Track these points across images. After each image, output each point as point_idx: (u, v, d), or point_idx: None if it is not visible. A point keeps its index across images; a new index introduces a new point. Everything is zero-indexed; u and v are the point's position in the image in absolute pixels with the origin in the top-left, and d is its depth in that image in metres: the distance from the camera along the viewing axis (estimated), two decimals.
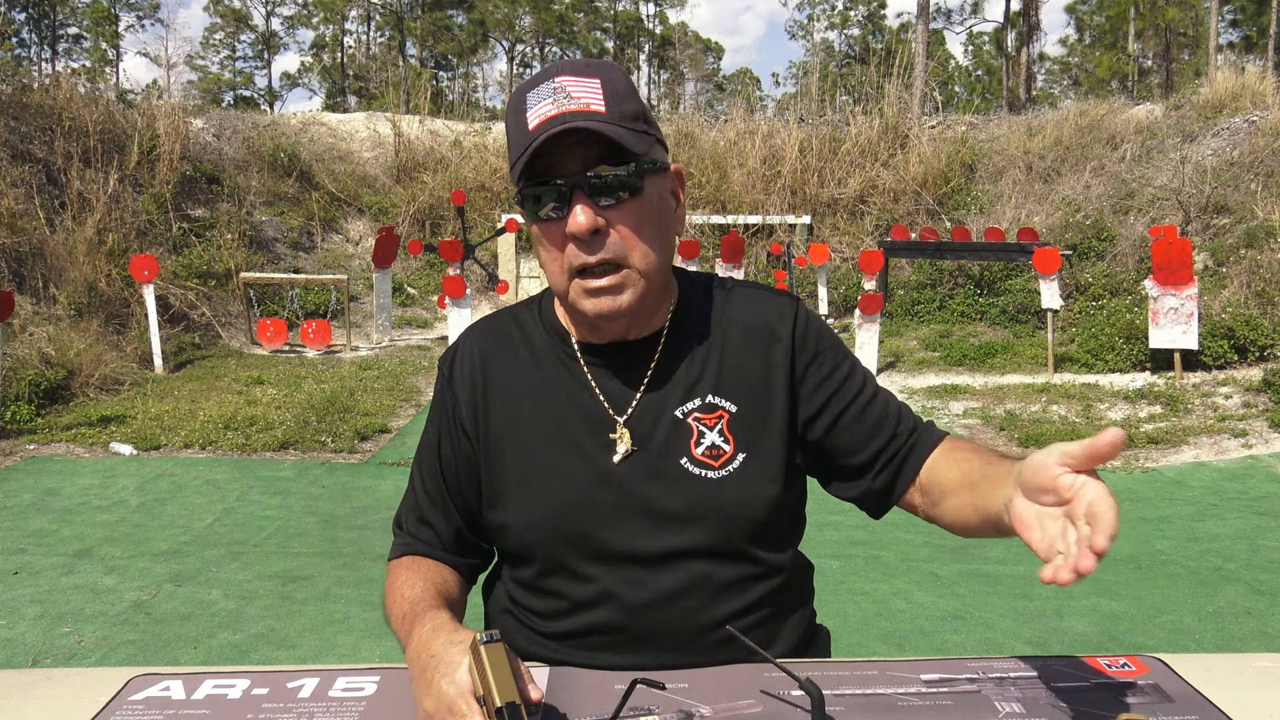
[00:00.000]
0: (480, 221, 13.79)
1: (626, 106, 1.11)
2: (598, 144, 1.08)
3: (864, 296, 9.14)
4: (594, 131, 1.06)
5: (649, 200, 1.13)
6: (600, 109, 1.08)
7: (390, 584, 1.25)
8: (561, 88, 1.09)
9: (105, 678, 1.16)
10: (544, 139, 1.05)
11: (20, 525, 4.76)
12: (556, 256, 1.13)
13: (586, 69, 1.12)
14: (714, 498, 1.18)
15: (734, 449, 1.20)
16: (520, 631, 1.28)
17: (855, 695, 1.09)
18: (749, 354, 1.23)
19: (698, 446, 1.19)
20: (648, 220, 1.13)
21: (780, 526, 1.25)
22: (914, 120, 15.25)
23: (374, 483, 5.60)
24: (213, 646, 3.42)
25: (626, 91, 1.12)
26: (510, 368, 1.26)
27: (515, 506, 1.23)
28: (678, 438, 1.20)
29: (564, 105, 1.07)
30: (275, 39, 48.91)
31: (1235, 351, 8.23)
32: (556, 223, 1.11)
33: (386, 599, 1.23)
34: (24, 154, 10.39)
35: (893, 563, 4.31)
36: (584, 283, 1.13)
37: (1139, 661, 1.18)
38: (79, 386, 7.62)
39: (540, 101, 1.09)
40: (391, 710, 1.08)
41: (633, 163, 1.10)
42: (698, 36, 52.66)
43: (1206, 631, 3.59)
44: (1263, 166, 11.01)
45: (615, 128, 1.08)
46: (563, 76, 1.10)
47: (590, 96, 1.09)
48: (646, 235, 1.13)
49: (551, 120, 1.07)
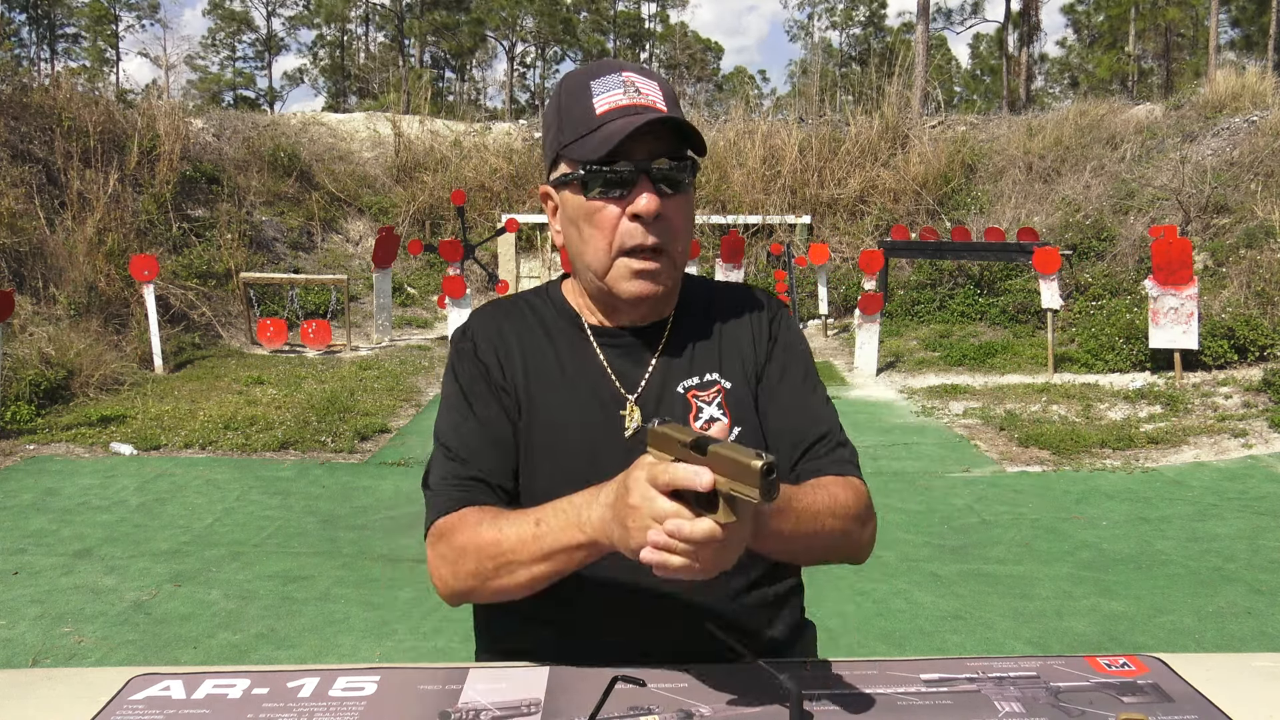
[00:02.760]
0: (480, 221, 13.80)
1: (678, 112, 1.20)
2: (664, 138, 1.16)
3: (864, 296, 9.14)
4: (668, 127, 1.16)
5: (691, 198, 1.23)
6: (663, 109, 1.17)
7: (467, 536, 1.14)
8: (630, 82, 1.18)
9: (105, 678, 1.16)
10: (632, 126, 1.13)
11: (20, 525, 4.76)
12: (607, 234, 1.19)
13: (644, 71, 1.22)
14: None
15: (731, 422, 1.27)
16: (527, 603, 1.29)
17: (855, 695, 1.09)
18: (741, 336, 1.33)
19: (696, 420, 1.26)
20: (688, 215, 1.23)
21: None
22: (914, 120, 15.25)
23: (374, 483, 5.60)
24: (213, 646, 3.41)
25: (675, 99, 1.22)
26: (527, 341, 1.30)
27: (539, 471, 1.26)
28: (680, 413, 1.27)
29: (634, 98, 1.17)
30: (276, 39, 48.93)
31: (1235, 351, 8.23)
32: (616, 202, 1.18)
33: (473, 547, 1.13)
34: (24, 154, 10.39)
35: (893, 563, 4.31)
36: (630, 262, 1.19)
37: (1139, 661, 1.18)
38: (79, 386, 7.62)
39: (608, 90, 1.17)
40: (391, 710, 1.08)
41: (688, 160, 1.19)
42: (698, 36, 52.68)
43: (1206, 631, 3.59)
44: (1263, 166, 11.01)
45: (688, 125, 1.17)
46: (630, 72, 1.19)
47: (655, 96, 1.18)
48: (687, 229, 1.24)
49: (625, 109, 1.15)
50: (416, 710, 1.07)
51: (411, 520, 4.91)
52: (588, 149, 1.15)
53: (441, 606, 3.77)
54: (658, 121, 1.14)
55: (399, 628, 3.60)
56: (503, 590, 1.14)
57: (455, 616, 3.63)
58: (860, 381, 9.00)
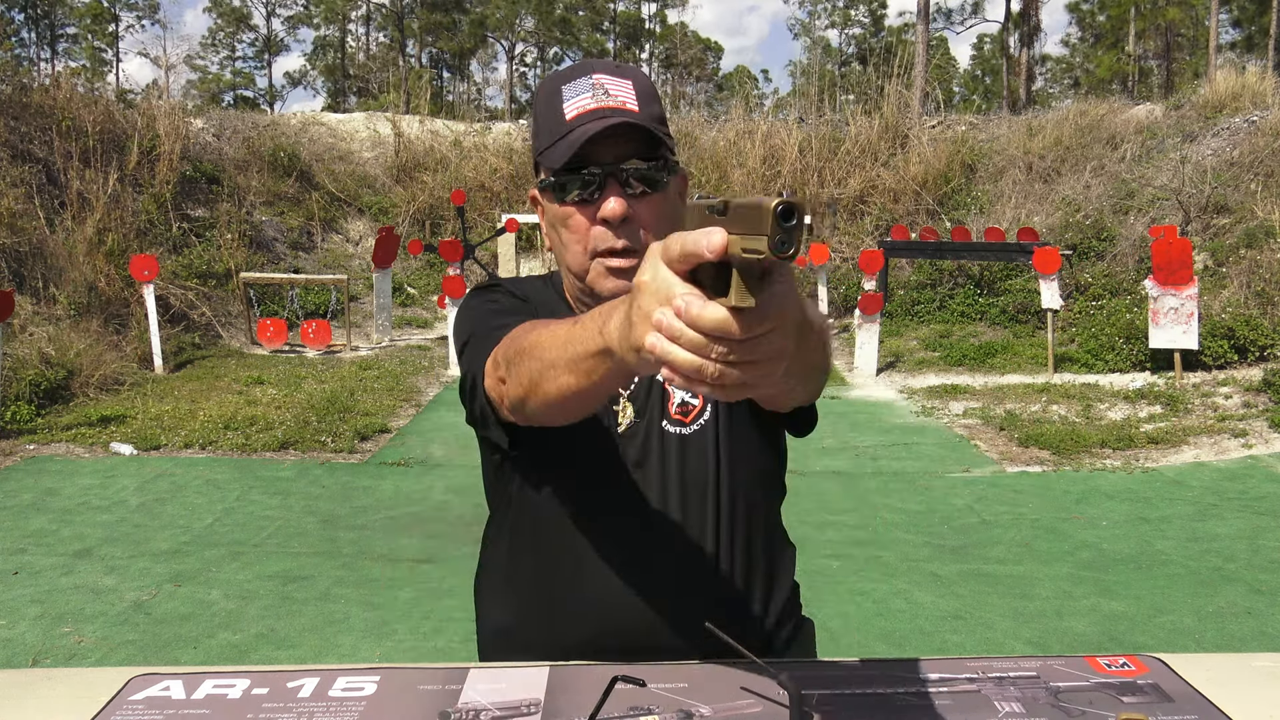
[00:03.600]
0: (480, 221, 13.80)
1: (654, 109, 1.19)
2: (632, 140, 1.16)
3: (864, 296, 9.14)
4: (635, 128, 1.14)
5: (668, 196, 1.21)
6: (634, 108, 1.17)
7: (524, 339, 1.03)
8: (600, 84, 1.17)
9: (105, 678, 1.16)
10: (596, 129, 1.12)
11: (20, 525, 4.76)
12: (581, 238, 1.19)
13: (619, 70, 1.21)
14: (686, 452, 1.25)
15: (703, 402, 1.26)
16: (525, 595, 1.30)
17: (855, 695, 1.09)
18: None
19: (672, 406, 1.26)
20: (665, 214, 1.20)
21: (755, 482, 1.29)
22: (914, 120, 15.24)
23: (374, 483, 5.60)
24: (213, 646, 3.42)
25: (652, 95, 1.21)
26: (543, 312, 1.28)
27: (532, 464, 1.27)
28: (659, 401, 1.27)
29: (603, 100, 1.16)
30: (276, 40, 48.93)
31: (1235, 351, 8.23)
32: (586, 206, 1.17)
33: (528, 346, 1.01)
34: (24, 154, 10.39)
35: (893, 563, 4.31)
36: (605, 261, 1.19)
37: (1139, 661, 1.18)
38: (79, 386, 7.62)
39: (578, 95, 1.17)
40: (392, 710, 1.08)
41: (661, 160, 1.18)
42: (698, 36, 52.68)
43: (1206, 631, 3.59)
44: (1263, 166, 11.01)
45: (652, 126, 1.16)
46: (599, 74, 1.19)
47: (625, 95, 1.17)
48: (663, 228, 1.20)
49: (592, 113, 1.15)
50: (416, 710, 1.07)
51: (411, 520, 4.91)
52: (556, 155, 1.16)
53: (441, 606, 3.77)
54: (621, 124, 1.13)
55: (399, 628, 3.60)
56: (546, 401, 1.00)
57: (455, 616, 3.64)
58: (860, 381, 9.00)
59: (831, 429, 6.89)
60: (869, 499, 5.33)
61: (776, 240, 0.63)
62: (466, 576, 1.42)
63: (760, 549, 1.29)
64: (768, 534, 1.32)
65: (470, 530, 4.73)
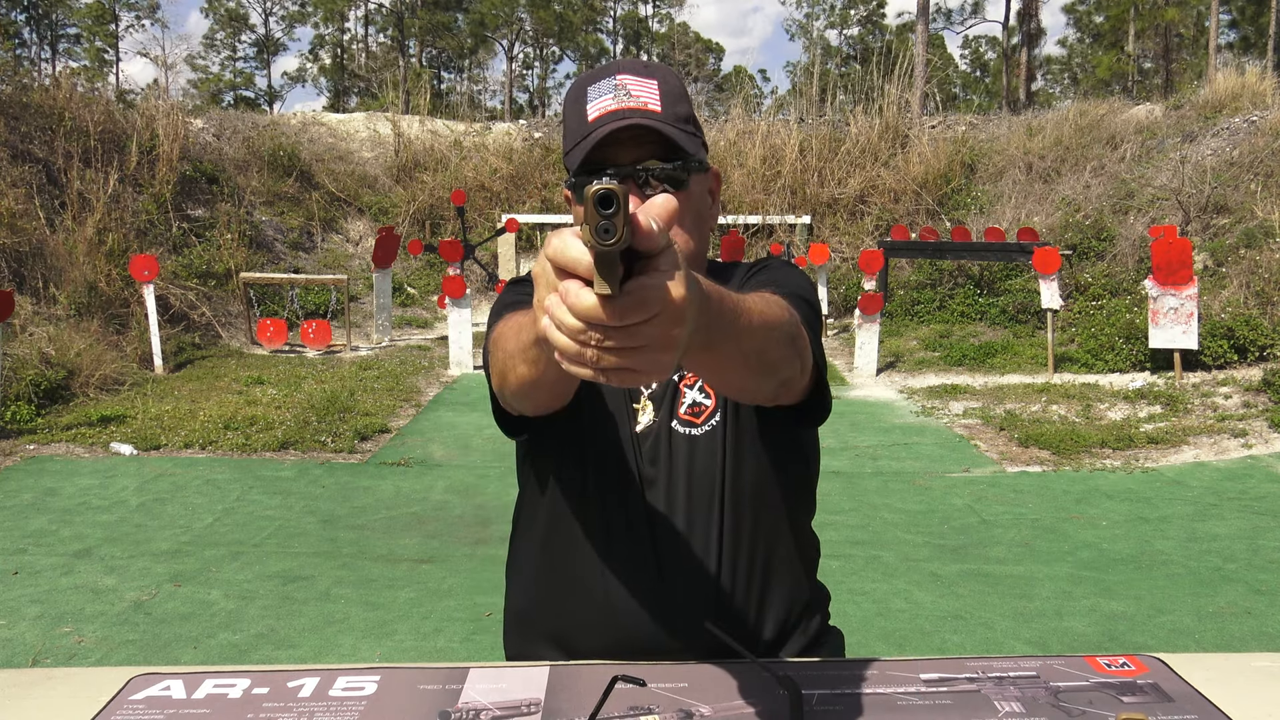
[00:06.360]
0: (480, 221, 13.79)
1: (679, 109, 1.19)
2: (652, 141, 1.15)
3: (864, 296, 9.14)
4: (650, 129, 1.14)
5: (691, 195, 1.20)
6: (657, 109, 1.16)
7: (496, 330, 1.10)
8: (623, 85, 1.17)
9: (105, 678, 1.16)
10: (607, 131, 1.12)
11: (20, 525, 4.76)
12: None
13: (645, 70, 1.21)
14: (695, 453, 1.25)
15: (715, 403, 1.26)
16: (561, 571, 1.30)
17: (855, 695, 1.09)
18: None
19: (682, 406, 1.26)
20: (687, 213, 1.20)
21: (765, 487, 1.27)
22: (914, 120, 15.24)
23: (374, 483, 5.60)
24: (213, 646, 3.42)
25: (680, 94, 1.20)
26: None
27: (553, 460, 1.28)
28: (671, 401, 1.27)
29: (624, 102, 1.16)
30: (275, 40, 48.91)
31: (1235, 351, 8.23)
32: None
33: (497, 339, 1.08)
34: (24, 154, 10.38)
35: (893, 563, 4.31)
36: None
37: (1139, 661, 1.18)
38: (79, 386, 7.62)
39: (601, 95, 1.17)
40: (392, 710, 1.08)
41: (680, 160, 1.17)
42: (698, 36, 52.67)
43: (1206, 631, 3.59)
44: (1262, 166, 11.01)
45: (670, 128, 1.15)
46: (624, 75, 1.19)
47: (648, 96, 1.17)
48: (685, 227, 1.21)
49: (612, 114, 1.15)
50: (416, 710, 1.07)
51: (411, 520, 4.91)
52: (575, 157, 1.16)
53: (441, 606, 3.77)
54: (639, 125, 1.13)
55: (399, 628, 3.60)
56: (514, 391, 1.06)
57: (455, 616, 3.64)
58: (860, 381, 9.00)
59: (831, 429, 6.89)
60: (869, 499, 5.33)
61: (598, 226, 0.64)
62: (466, 576, 1.43)
63: (768, 552, 1.28)
64: (779, 538, 1.30)
65: (470, 530, 4.73)
